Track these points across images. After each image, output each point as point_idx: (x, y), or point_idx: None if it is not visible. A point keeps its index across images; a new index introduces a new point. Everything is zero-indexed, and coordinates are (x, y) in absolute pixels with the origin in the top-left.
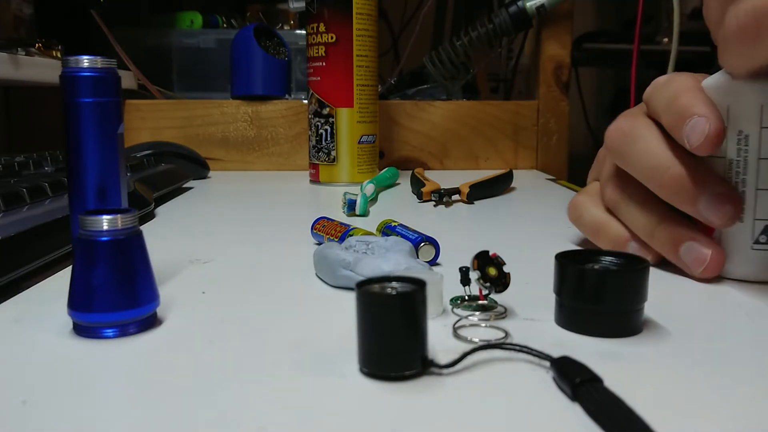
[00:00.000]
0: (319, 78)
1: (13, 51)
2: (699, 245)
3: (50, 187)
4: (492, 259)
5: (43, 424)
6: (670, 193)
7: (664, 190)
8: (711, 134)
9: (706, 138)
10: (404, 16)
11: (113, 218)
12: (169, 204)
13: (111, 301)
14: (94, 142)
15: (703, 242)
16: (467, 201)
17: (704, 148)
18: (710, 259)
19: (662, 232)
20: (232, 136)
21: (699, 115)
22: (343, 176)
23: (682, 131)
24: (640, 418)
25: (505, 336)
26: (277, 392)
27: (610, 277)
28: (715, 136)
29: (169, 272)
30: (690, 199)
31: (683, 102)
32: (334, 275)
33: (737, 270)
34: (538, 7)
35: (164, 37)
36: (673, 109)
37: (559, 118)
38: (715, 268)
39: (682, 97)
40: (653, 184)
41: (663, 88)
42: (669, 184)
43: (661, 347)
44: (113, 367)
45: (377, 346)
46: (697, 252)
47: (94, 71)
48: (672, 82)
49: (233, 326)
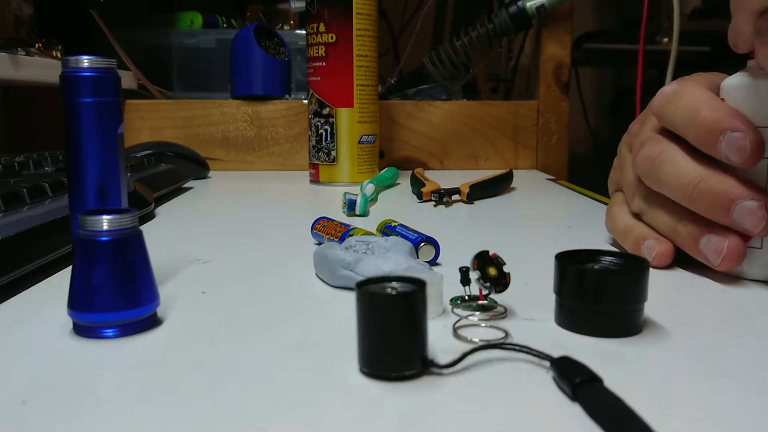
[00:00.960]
0: (319, 78)
1: (13, 51)
2: (717, 237)
3: (50, 187)
4: (492, 259)
5: (43, 424)
6: (703, 208)
7: (698, 206)
8: (753, 147)
9: (750, 152)
10: (404, 16)
11: (113, 218)
12: (169, 204)
13: (111, 301)
14: (94, 142)
15: (722, 233)
16: (467, 201)
17: (749, 162)
18: (727, 248)
19: (684, 228)
20: (232, 136)
21: (732, 130)
22: (343, 176)
23: (717, 148)
24: (640, 418)
25: (505, 336)
26: (277, 392)
27: (610, 277)
28: (758, 147)
29: (169, 272)
30: (723, 210)
31: (708, 116)
32: (334, 275)
33: (757, 272)
34: (538, 7)
35: (164, 37)
36: (697, 126)
37: (559, 118)
38: (733, 258)
39: (704, 110)
40: (687, 201)
41: (676, 101)
42: (700, 199)
43: (661, 347)
44: (113, 367)
45: (377, 346)
46: (716, 243)
47: (94, 71)
48: (683, 93)
49: (233, 326)
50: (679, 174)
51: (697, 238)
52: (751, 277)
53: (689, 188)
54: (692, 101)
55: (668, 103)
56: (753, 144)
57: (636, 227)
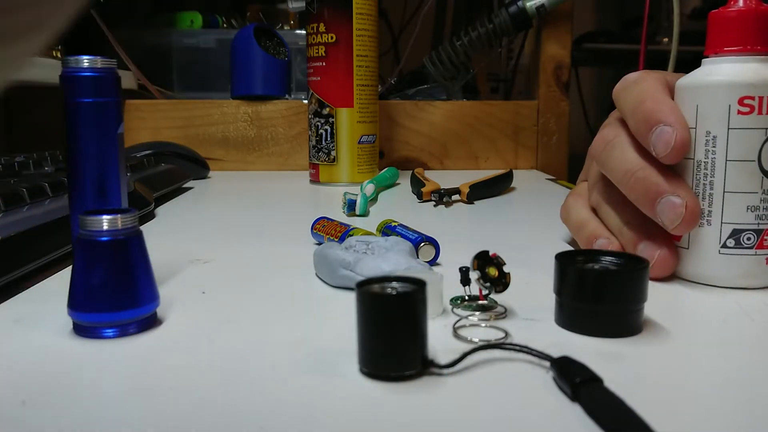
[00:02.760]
0: (319, 78)
1: None
2: (652, 245)
3: (50, 187)
4: (492, 259)
5: (43, 424)
6: (635, 196)
7: (631, 193)
8: (677, 144)
9: (673, 148)
10: (404, 16)
11: (113, 218)
12: (169, 204)
13: (111, 301)
14: (94, 142)
15: (657, 243)
16: (467, 201)
17: (670, 158)
18: (657, 258)
19: (628, 231)
20: (232, 136)
21: (665, 123)
22: (343, 176)
23: (648, 138)
24: (640, 418)
25: (505, 336)
26: (277, 392)
27: (610, 277)
28: (681, 146)
29: (169, 272)
30: (649, 202)
31: (648, 107)
32: (334, 275)
33: (705, 274)
34: (538, 7)
35: (164, 37)
36: (638, 113)
37: (559, 118)
38: (662, 267)
39: (648, 101)
40: (624, 187)
41: (630, 89)
42: (634, 188)
43: (661, 347)
44: (113, 367)
45: (377, 346)
46: (649, 251)
47: (94, 71)
48: (640, 82)
49: (233, 326)
50: (623, 160)
51: (636, 244)
52: (683, 276)
53: (628, 175)
54: (642, 91)
55: (624, 90)
56: (678, 141)
57: (590, 223)
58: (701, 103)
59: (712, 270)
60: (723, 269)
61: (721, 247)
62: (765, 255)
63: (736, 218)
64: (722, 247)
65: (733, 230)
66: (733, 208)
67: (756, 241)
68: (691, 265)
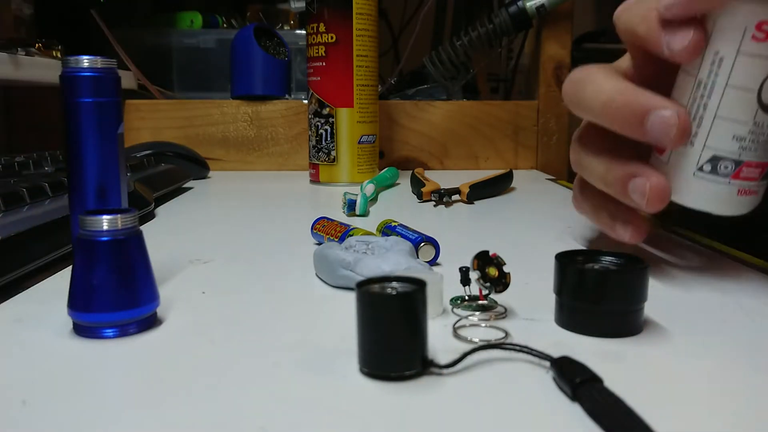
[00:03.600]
0: (319, 78)
1: (13, 51)
2: (641, 179)
3: (50, 187)
4: (492, 259)
5: (43, 424)
6: (620, 122)
7: (615, 122)
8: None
9: (686, 48)
10: (404, 16)
11: (113, 218)
12: (169, 204)
13: (111, 301)
14: (94, 142)
15: (645, 175)
16: (467, 201)
17: (685, 55)
18: (649, 189)
19: (612, 175)
20: (232, 136)
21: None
22: (343, 176)
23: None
24: (640, 418)
25: (505, 336)
26: (277, 392)
27: (610, 277)
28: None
29: (169, 272)
30: (637, 121)
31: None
32: (334, 275)
33: (676, 196)
34: (538, 7)
35: (164, 37)
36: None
37: (559, 118)
38: (657, 198)
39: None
40: (605, 119)
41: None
42: (617, 114)
43: (661, 347)
44: (113, 367)
45: (377, 346)
46: (640, 185)
47: (94, 71)
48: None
49: (233, 326)
50: (599, 92)
51: (626, 184)
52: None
53: (608, 103)
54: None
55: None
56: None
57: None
58: (718, 20)
59: (684, 193)
60: (694, 192)
61: (697, 170)
62: (739, 186)
63: (719, 144)
64: (698, 170)
65: (713, 156)
66: (719, 134)
67: (732, 170)
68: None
